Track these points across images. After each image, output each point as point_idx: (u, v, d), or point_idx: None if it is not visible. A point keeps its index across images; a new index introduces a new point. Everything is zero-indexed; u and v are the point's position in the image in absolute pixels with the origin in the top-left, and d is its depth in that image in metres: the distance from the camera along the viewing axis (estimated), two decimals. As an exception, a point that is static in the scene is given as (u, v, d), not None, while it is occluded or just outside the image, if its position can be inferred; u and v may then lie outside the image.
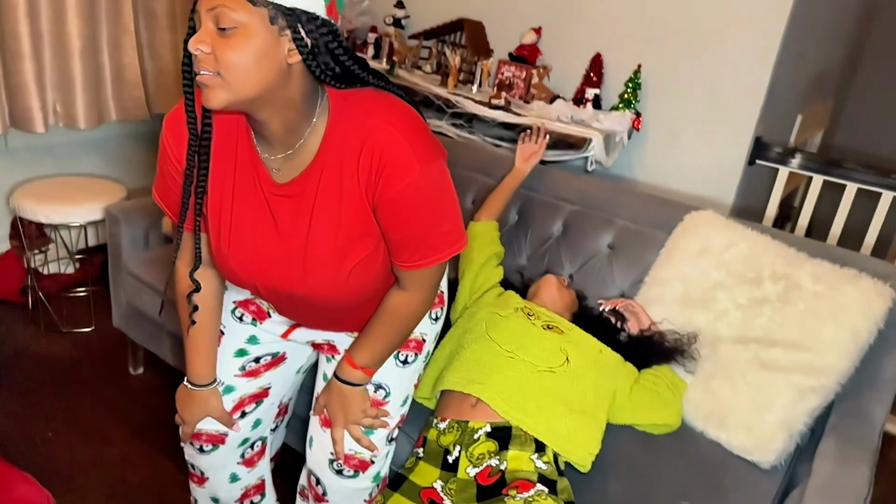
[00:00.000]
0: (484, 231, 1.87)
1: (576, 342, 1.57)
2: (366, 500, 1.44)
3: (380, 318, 1.28)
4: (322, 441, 1.40)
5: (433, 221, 1.14)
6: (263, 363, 1.44)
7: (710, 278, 1.68)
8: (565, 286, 1.79)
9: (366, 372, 1.34)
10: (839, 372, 1.48)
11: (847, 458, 1.39)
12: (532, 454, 1.36)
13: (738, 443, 1.51)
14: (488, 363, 1.49)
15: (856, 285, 1.54)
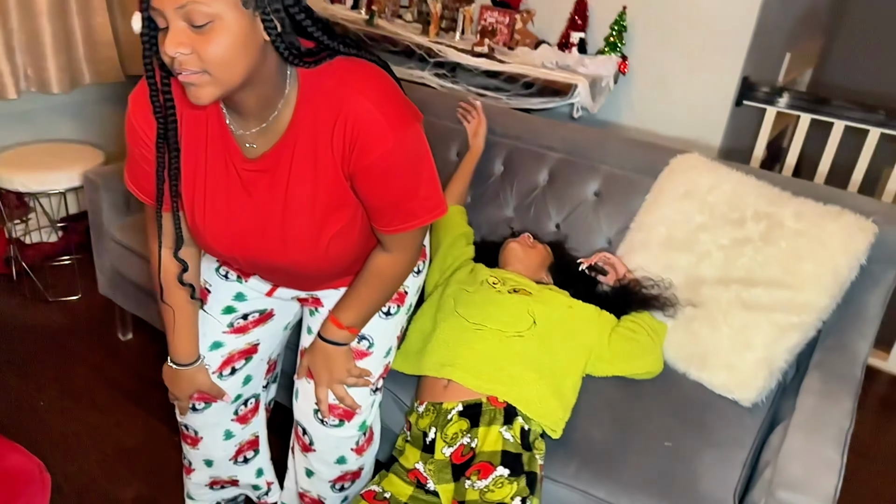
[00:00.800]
0: (449, 216, 1.87)
1: (543, 302, 1.59)
2: (353, 448, 1.47)
3: (364, 279, 1.31)
4: (307, 392, 1.43)
5: (411, 188, 1.15)
6: (251, 320, 1.47)
7: (693, 221, 1.70)
8: (530, 244, 1.81)
9: (351, 332, 1.36)
10: (820, 308, 1.51)
11: (830, 392, 1.43)
12: (501, 426, 1.38)
13: (720, 382, 1.54)
14: (457, 341, 1.51)
15: (838, 222, 1.55)
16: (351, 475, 1.53)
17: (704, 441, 1.44)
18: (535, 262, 1.78)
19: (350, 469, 1.51)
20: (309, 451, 1.48)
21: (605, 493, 1.37)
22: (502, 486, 1.28)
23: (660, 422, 1.48)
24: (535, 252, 1.80)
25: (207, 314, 1.44)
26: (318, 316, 1.43)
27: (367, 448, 1.52)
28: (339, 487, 1.54)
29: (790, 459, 1.27)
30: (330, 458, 1.47)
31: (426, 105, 2.16)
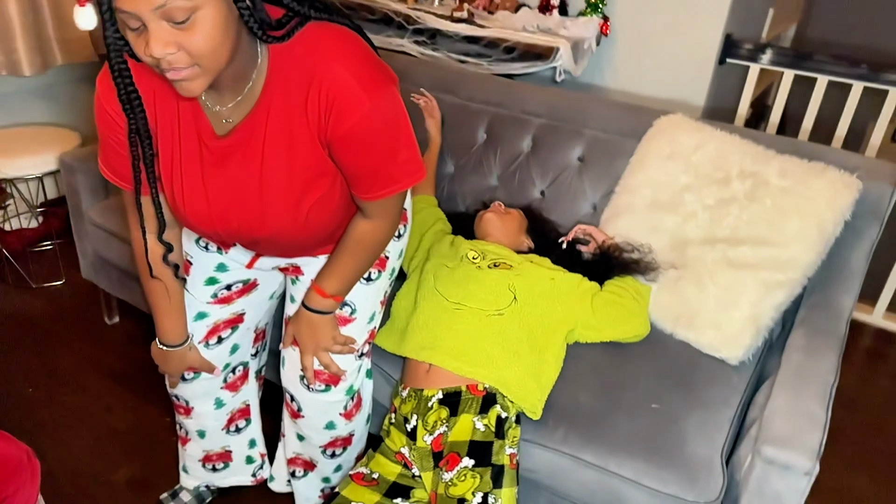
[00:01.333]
0: (422, 205, 1.87)
1: (525, 276, 1.59)
2: (341, 413, 1.50)
3: (347, 246, 1.31)
4: (293, 359, 1.45)
5: (389, 152, 1.15)
6: (235, 290, 1.48)
7: (678, 182, 1.70)
8: (504, 211, 1.82)
9: (335, 300, 1.37)
10: (805, 265, 1.52)
11: (815, 348, 1.44)
12: (475, 416, 1.39)
13: (707, 341, 1.56)
14: (436, 322, 1.51)
15: (822, 178, 1.56)
16: (342, 441, 1.56)
17: (691, 401, 1.46)
18: (512, 228, 1.78)
19: (340, 435, 1.53)
20: (298, 418, 1.51)
21: (593, 457, 1.39)
22: (465, 480, 1.30)
23: (646, 384, 1.50)
24: (511, 218, 1.80)
25: (190, 285, 1.44)
26: (300, 284, 1.44)
27: (357, 413, 1.53)
28: (331, 454, 1.57)
29: (775, 416, 1.29)
30: (318, 423, 1.50)
31: (406, 74, 2.14)
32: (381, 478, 1.45)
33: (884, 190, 1.60)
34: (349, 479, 1.45)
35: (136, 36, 0.94)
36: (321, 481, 1.65)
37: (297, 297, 1.44)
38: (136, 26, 0.92)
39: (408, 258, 1.76)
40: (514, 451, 1.39)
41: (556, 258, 1.72)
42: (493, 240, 1.76)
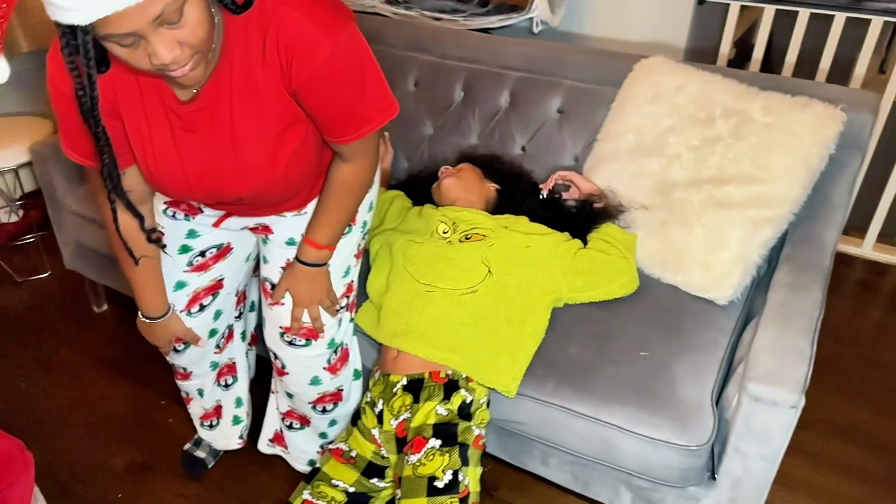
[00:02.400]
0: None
1: (499, 244, 1.56)
2: (325, 367, 1.53)
3: (332, 194, 1.33)
4: (271, 317, 1.48)
5: (358, 92, 1.15)
6: (210, 256, 1.50)
7: (661, 124, 1.69)
8: (455, 171, 1.77)
9: (329, 249, 1.40)
10: (792, 200, 1.53)
11: (800, 284, 1.46)
12: (438, 403, 1.41)
13: (696, 282, 1.57)
14: (408, 307, 1.51)
15: (806, 112, 1.56)
16: (331, 397, 1.59)
17: (680, 346, 1.48)
18: (473, 181, 1.75)
19: (327, 390, 1.56)
20: (283, 375, 1.54)
21: (585, 408, 1.41)
22: (433, 459, 1.33)
23: (635, 331, 1.52)
24: (465, 173, 1.77)
25: (166, 255, 1.46)
26: (271, 244, 1.46)
27: (342, 368, 1.56)
28: (322, 409, 1.61)
29: (760, 353, 1.30)
30: (303, 379, 1.53)
31: (379, 35, 2.12)
32: (358, 456, 1.49)
33: (865, 120, 1.60)
34: (329, 455, 1.50)
35: (132, 51, 0.95)
36: (318, 437, 1.70)
37: (270, 257, 1.46)
38: (130, 42, 0.94)
39: (371, 236, 1.75)
40: (481, 433, 1.42)
41: (533, 213, 1.69)
42: (462, 203, 1.72)
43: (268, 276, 1.49)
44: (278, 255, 1.45)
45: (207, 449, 1.91)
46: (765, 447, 1.31)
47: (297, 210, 1.40)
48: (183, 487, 1.86)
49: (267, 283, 1.49)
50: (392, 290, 1.56)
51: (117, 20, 0.89)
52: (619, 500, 1.54)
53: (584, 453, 1.46)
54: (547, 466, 1.59)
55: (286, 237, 1.43)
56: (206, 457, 1.91)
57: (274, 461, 1.90)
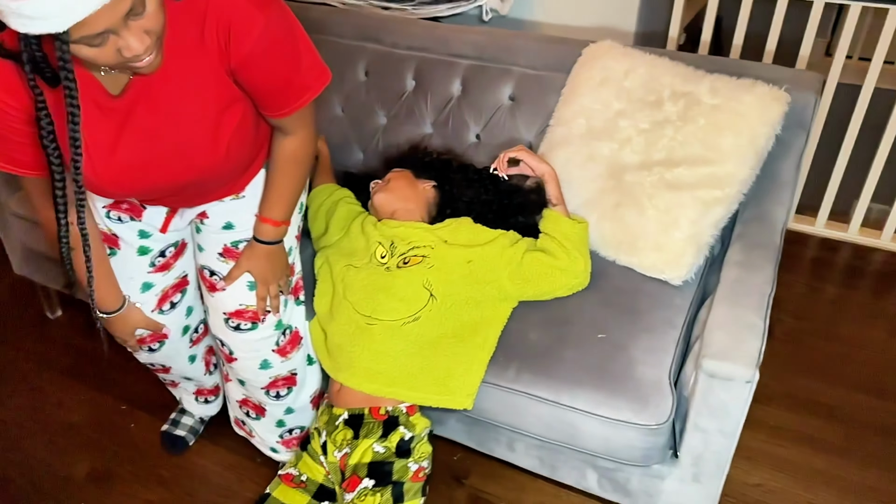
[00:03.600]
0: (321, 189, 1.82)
1: (440, 264, 1.52)
2: (273, 349, 1.54)
3: (281, 170, 1.36)
4: (214, 305, 1.50)
5: (294, 62, 1.19)
6: (170, 255, 1.52)
7: (611, 108, 1.71)
8: (383, 183, 1.71)
9: (285, 225, 1.43)
10: (741, 180, 1.56)
11: (751, 262, 1.49)
12: (375, 441, 1.41)
13: (650, 263, 1.59)
14: (351, 341, 1.49)
15: (752, 93, 1.59)
16: (284, 381, 1.59)
17: (637, 327, 1.50)
18: (405, 190, 1.68)
19: (279, 374, 1.57)
20: (232, 361, 1.55)
21: (546, 392, 1.42)
22: (365, 499, 1.34)
23: (592, 314, 1.53)
24: (395, 183, 1.69)
25: (126, 258, 1.46)
26: (206, 230, 1.46)
27: (293, 351, 1.57)
28: (276, 395, 1.61)
29: (714, 330, 1.33)
30: (253, 364, 1.54)
31: (327, 25, 2.11)
32: (309, 480, 1.50)
33: (808, 99, 1.63)
34: (279, 480, 1.51)
35: (100, 49, 0.95)
36: (276, 425, 1.69)
37: (206, 244, 1.47)
38: (99, 42, 0.94)
39: (317, 237, 1.74)
40: (422, 466, 1.43)
41: (476, 203, 1.65)
42: (400, 215, 1.66)
43: (205, 263, 1.49)
44: (214, 241, 1.46)
45: (187, 427, 1.94)
46: (723, 422, 1.34)
47: (236, 194, 1.41)
48: (149, 493, 1.84)
49: (205, 271, 1.49)
50: (335, 321, 1.54)
51: (92, 21, 0.89)
52: (586, 482, 1.57)
53: (549, 437, 1.48)
54: (514, 452, 1.61)
55: (223, 222, 1.44)
56: (186, 434, 1.93)
57: (238, 462, 1.90)
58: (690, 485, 1.46)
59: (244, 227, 1.45)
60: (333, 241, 1.69)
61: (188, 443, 1.94)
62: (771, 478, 1.79)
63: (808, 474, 1.80)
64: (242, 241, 1.46)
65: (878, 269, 2.47)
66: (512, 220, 1.65)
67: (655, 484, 1.49)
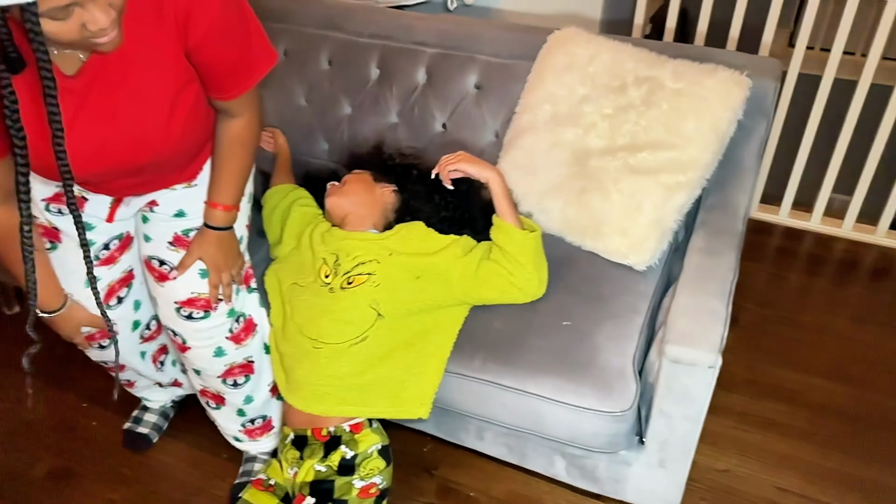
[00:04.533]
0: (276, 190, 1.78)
1: (387, 282, 1.46)
2: (227, 336, 1.51)
3: (229, 152, 1.35)
4: (163, 294, 1.47)
5: (245, 42, 1.20)
6: (115, 248, 1.48)
7: (576, 94, 1.70)
8: (339, 185, 1.64)
9: (236, 210, 1.42)
10: (704, 165, 1.56)
11: (714, 248, 1.49)
12: (318, 461, 1.42)
13: (615, 248, 1.59)
14: (299, 364, 1.47)
15: (714, 77, 1.59)
16: (240, 368, 1.57)
17: (601, 313, 1.49)
18: (361, 195, 1.61)
19: (234, 361, 1.55)
20: (186, 351, 1.53)
21: (512, 381, 1.41)
22: None
23: (557, 301, 1.52)
24: (350, 186, 1.63)
25: (68, 252, 1.42)
26: (155, 218, 1.43)
27: (247, 338, 1.54)
28: (233, 383, 1.59)
29: (678, 316, 1.33)
30: (207, 352, 1.52)
31: (289, 13, 2.08)
32: (277, 485, 1.49)
33: (768, 86, 1.64)
34: (250, 485, 1.50)
35: (64, 24, 0.93)
36: (237, 415, 1.67)
37: (154, 233, 1.44)
38: (64, 15, 0.92)
39: (273, 243, 1.71)
40: (372, 482, 1.41)
41: (434, 225, 1.59)
42: (351, 221, 1.60)
43: (154, 253, 1.45)
44: (164, 229, 1.43)
45: (150, 424, 1.90)
46: (687, 408, 1.35)
47: (188, 181, 1.39)
48: (111, 492, 1.79)
49: (153, 261, 1.46)
50: (286, 342, 1.52)
51: None
52: (554, 469, 1.57)
53: (516, 425, 1.47)
54: (483, 441, 1.61)
55: (174, 209, 1.42)
56: (149, 432, 1.90)
57: (203, 458, 1.86)
58: (657, 470, 1.46)
59: (196, 216, 1.42)
60: (285, 254, 1.66)
61: (151, 440, 1.90)
62: (738, 463, 1.80)
63: (773, 459, 1.81)
64: (193, 230, 1.43)
65: (840, 258, 2.50)
66: (468, 230, 1.59)
67: (622, 470, 1.49)
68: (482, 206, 1.59)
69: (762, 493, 1.74)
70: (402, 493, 1.76)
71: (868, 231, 2.56)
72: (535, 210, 1.71)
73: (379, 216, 1.62)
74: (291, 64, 2.07)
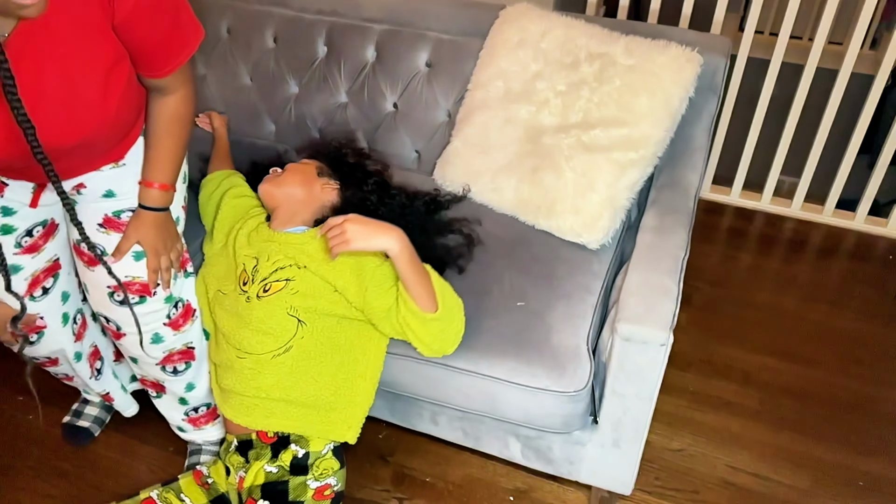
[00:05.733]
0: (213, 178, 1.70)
1: (306, 287, 1.38)
2: (165, 322, 1.46)
3: (165, 130, 1.31)
4: (94, 279, 1.40)
5: (174, 17, 1.17)
6: (38, 235, 1.41)
7: (529, 70, 1.68)
8: (277, 176, 1.53)
9: (173, 190, 1.37)
10: (656, 142, 1.55)
11: (665, 227, 1.48)
12: (266, 462, 1.36)
13: (568, 227, 1.57)
14: (226, 373, 1.42)
15: (666, 54, 1.58)
16: (179, 355, 1.52)
17: (554, 294, 1.47)
18: (295, 188, 1.50)
19: (173, 347, 1.49)
20: (121, 337, 1.47)
21: (465, 363, 1.39)
22: None
23: (511, 282, 1.50)
24: (287, 176, 1.52)
25: None
26: (83, 200, 1.36)
27: (186, 324, 1.49)
28: (173, 370, 1.54)
29: (629, 295, 1.31)
30: (144, 338, 1.46)
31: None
32: (213, 484, 1.44)
33: (718, 63, 1.64)
34: (190, 473, 1.46)
35: None
36: (179, 403, 1.62)
37: (82, 216, 1.36)
38: None
39: (208, 231, 1.64)
40: (326, 483, 1.37)
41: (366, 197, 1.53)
42: (280, 216, 1.50)
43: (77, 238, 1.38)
44: (94, 211, 1.36)
45: (91, 418, 1.84)
46: (640, 387, 1.34)
47: (116, 161, 1.33)
48: (50, 487, 1.72)
49: (83, 245, 1.39)
50: (216, 350, 1.47)
51: None
52: (510, 452, 1.55)
53: (470, 408, 1.45)
54: (437, 425, 1.58)
55: (103, 190, 1.35)
56: (90, 425, 1.84)
57: (149, 452, 1.81)
58: (611, 450, 1.46)
59: (126, 196, 1.36)
60: (214, 253, 1.57)
61: (93, 434, 1.84)
62: (692, 442, 1.81)
63: (726, 438, 1.82)
64: (125, 211, 1.37)
65: (789, 237, 2.54)
66: None
67: (577, 451, 1.48)
68: (437, 227, 1.58)
69: (715, 472, 1.75)
70: (358, 482, 1.73)
71: (815, 211, 2.60)
72: (488, 189, 1.69)
73: (311, 214, 1.51)
74: (235, 42, 2.00)
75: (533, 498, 1.70)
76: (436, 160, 1.83)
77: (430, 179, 1.81)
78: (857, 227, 2.55)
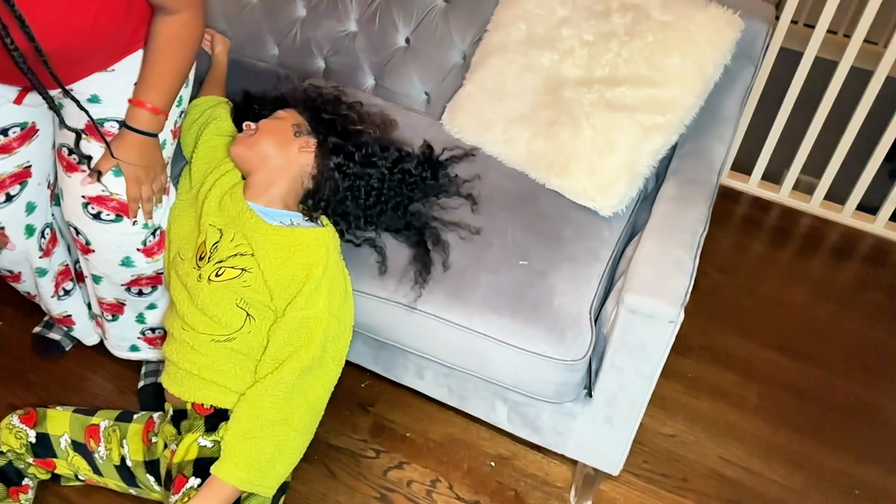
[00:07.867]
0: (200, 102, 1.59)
1: (258, 283, 1.29)
2: (139, 248, 1.41)
3: (162, 48, 1.25)
4: (71, 186, 1.35)
5: None
6: (14, 136, 1.35)
7: (555, 14, 1.61)
8: (250, 134, 1.41)
9: (164, 115, 1.31)
10: (685, 107, 1.48)
11: (685, 197, 1.42)
12: (200, 435, 1.28)
13: (581, 188, 1.51)
14: (171, 341, 1.36)
15: (705, 13, 1.51)
16: (148, 280, 1.48)
17: (560, 254, 1.42)
18: (270, 151, 1.38)
19: (143, 273, 1.45)
20: (89, 253, 1.41)
21: (457, 317, 1.34)
22: (189, 500, 1.21)
23: (514, 238, 1.45)
24: (261, 136, 1.40)
25: None
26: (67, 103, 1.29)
27: (159, 252, 1.45)
28: (138, 292, 1.50)
29: (641, 264, 1.26)
30: (113, 257, 1.41)
31: None
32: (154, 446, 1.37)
33: (759, 30, 1.58)
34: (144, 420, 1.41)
35: None
36: (136, 321, 1.57)
37: (66, 118, 1.30)
38: None
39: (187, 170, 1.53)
40: None
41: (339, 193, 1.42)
42: (253, 188, 1.38)
43: (65, 141, 1.33)
44: (77, 116, 1.29)
45: (63, 331, 1.80)
46: (641, 363, 1.28)
47: (104, 68, 1.27)
48: (12, 396, 1.69)
49: (64, 150, 1.34)
50: (168, 312, 1.40)
51: None
52: (495, 415, 1.50)
53: (458, 365, 1.40)
54: (422, 380, 1.53)
55: (88, 94, 1.29)
56: (61, 339, 1.81)
57: (122, 372, 1.77)
58: (602, 426, 1.40)
59: (112, 104, 1.29)
60: (183, 199, 1.46)
61: (64, 348, 1.80)
62: (685, 429, 1.78)
63: (720, 429, 1.79)
64: (108, 121, 1.30)
65: (805, 233, 2.49)
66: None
67: (566, 422, 1.43)
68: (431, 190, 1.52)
69: (707, 462, 1.72)
70: (335, 428, 1.70)
71: (835, 209, 2.54)
72: (499, 140, 1.62)
73: (290, 183, 1.40)
74: (241, -44, 1.91)
75: (515, 466, 1.67)
76: (446, 104, 1.76)
77: (438, 124, 1.73)
78: (877, 230, 2.50)
